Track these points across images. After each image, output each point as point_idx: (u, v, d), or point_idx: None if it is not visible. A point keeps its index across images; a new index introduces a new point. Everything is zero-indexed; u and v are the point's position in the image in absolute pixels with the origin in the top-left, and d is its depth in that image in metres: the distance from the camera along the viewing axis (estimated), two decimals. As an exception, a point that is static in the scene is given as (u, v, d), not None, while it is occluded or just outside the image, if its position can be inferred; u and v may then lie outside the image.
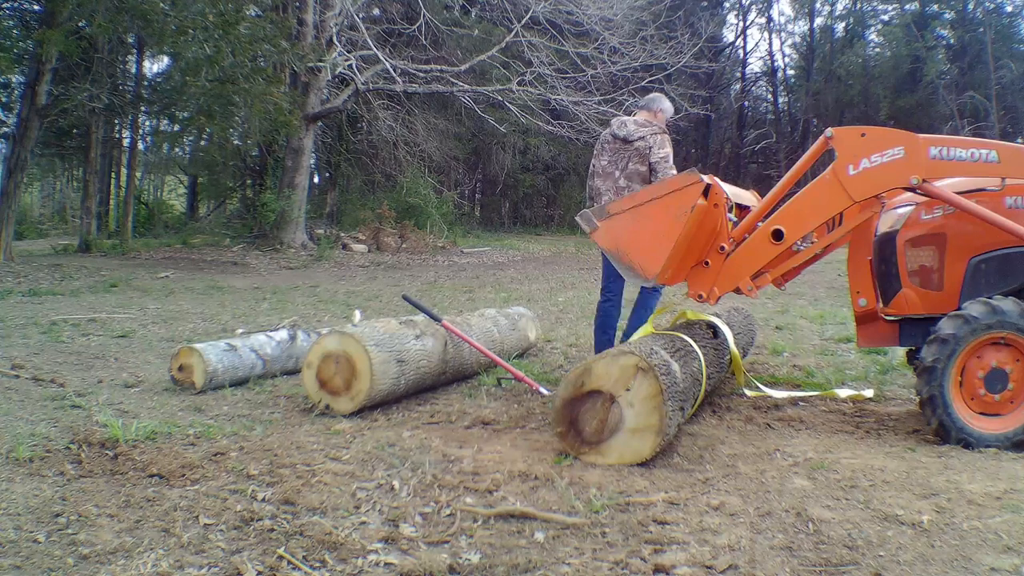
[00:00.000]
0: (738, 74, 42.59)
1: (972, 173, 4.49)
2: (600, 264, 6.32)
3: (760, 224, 4.79)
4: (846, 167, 4.46)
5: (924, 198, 4.79)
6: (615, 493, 3.55)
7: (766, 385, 5.77)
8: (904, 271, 4.80)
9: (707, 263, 4.73)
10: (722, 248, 4.69)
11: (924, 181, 4.39)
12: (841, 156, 4.49)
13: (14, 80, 17.75)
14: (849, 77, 36.74)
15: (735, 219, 4.97)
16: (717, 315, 6.01)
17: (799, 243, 4.83)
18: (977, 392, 4.30)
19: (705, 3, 37.87)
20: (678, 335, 4.86)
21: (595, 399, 4.03)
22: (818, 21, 40.48)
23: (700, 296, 4.76)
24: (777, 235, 4.59)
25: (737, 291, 4.86)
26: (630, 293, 6.34)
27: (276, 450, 4.10)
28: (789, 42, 44.22)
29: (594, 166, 6.34)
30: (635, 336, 4.93)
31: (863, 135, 4.48)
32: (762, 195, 5.32)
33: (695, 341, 4.94)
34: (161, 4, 13.89)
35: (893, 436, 4.62)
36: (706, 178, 4.51)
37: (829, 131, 4.54)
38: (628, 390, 3.96)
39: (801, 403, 5.51)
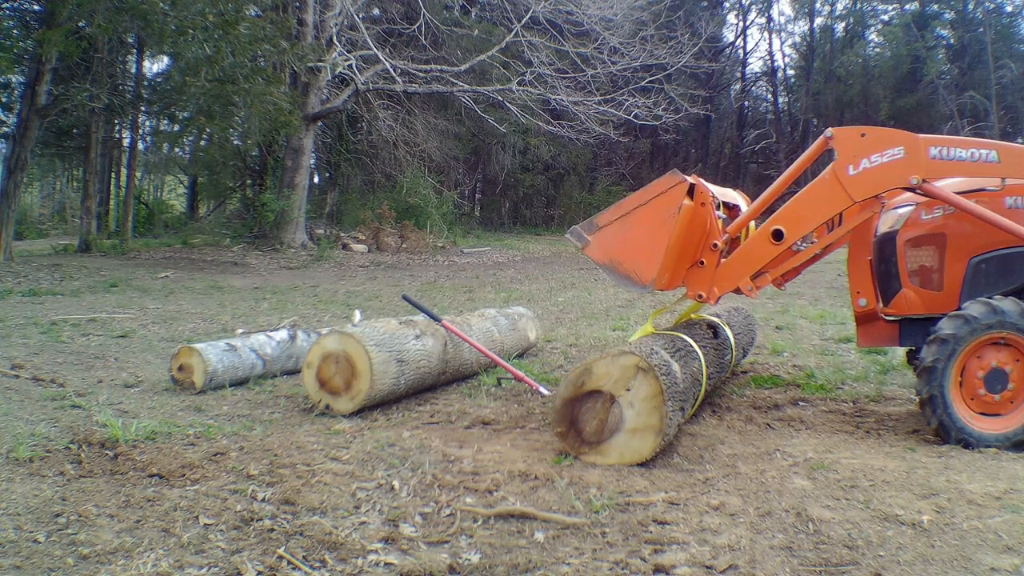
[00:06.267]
0: (738, 74, 42.58)
1: (972, 173, 4.48)
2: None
3: (755, 221, 4.79)
4: (846, 167, 4.46)
5: (924, 198, 4.80)
6: (615, 493, 3.55)
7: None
8: (904, 271, 4.80)
9: (702, 262, 4.72)
10: (715, 245, 4.68)
11: (924, 181, 4.39)
12: (841, 156, 4.48)
13: (14, 80, 17.73)
14: (849, 77, 36.73)
15: (724, 217, 4.96)
16: (718, 315, 6.00)
17: (799, 243, 4.83)
18: (977, 392, 4.29)
19: (705, 3, 37.87)
20: (678, 335, 4.86)
21: (595, 399, 4.03)
22: (818, 21, 40.50)
23: (700, 296, 4.75)
24: (777, 235, 4.59)
25: (737, 291, 4.86)
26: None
27: (276, 450, 4.10)
28: (789, 42, 44.26)
29: None
30: (635, 336, 4.92)
31: (863, 135, 4.48)
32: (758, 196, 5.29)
33: (695, 341, 4.94)
34: (161, 4, 13.88)
35: (893, 436, 4.62)
36: (689, 178, 4.51)
37: (829, 131, 4.54)
38: (628, 390, 3.95)
39: (801, 403, 5.51)
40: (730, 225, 4.86)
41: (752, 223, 5.01)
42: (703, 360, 4.82)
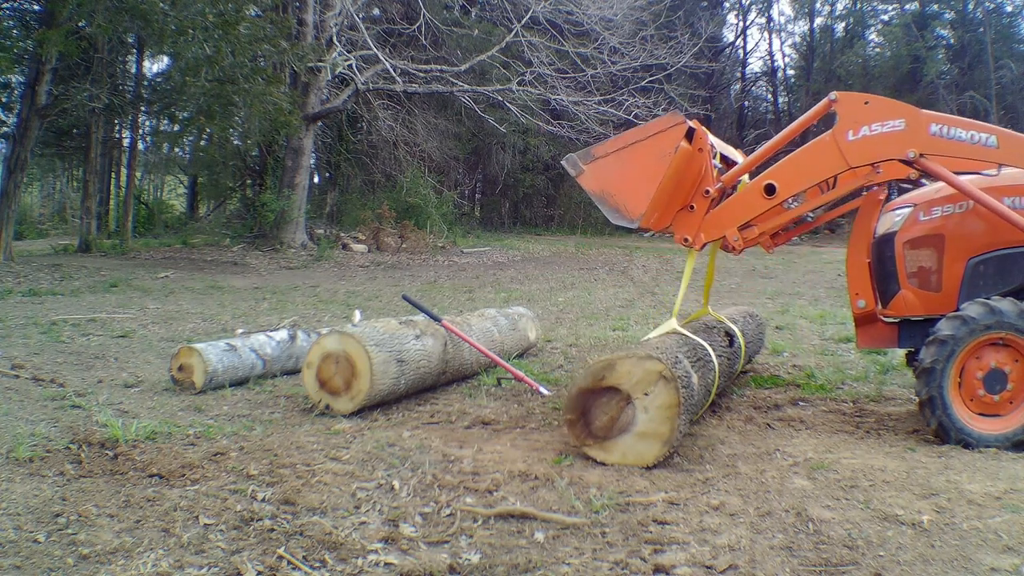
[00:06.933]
0: (738, 74, 42.57)
1: (970, 155, 4.45)
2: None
3: (748, 175, 4.80)
4: (846, 132, 4.45)
5: (923, 198, 4.80)
6: (615, 493, 3.56)
7: None
8: (903, 272, 4.80)
9: (692, 207, 4.71)
10: (707, 192, 4.67)
11: (921, 156, 4.38)
12: (842, 120, 4.48)
13: (14, 80, 17.73)
14: (849, 77, 36.68)
15: (720, 167, 4.95)
16: (734, 320, 5.97)
17: (790, 202, 4.83)
18: (976, 393, 4.30)
19: (705, 3, 37.85)
20: (700, 342, 4.77)
21: (611, 395, 4.01)
22: (818, 21, 40.49)
23: (685, 240, 4.73)
24: (769, 189, 4.58)
25: (724, 248, 4.83)
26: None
27: (276, 450, 4.10)
28: (789, 42, 44.24)
29: None
30: (657, 332, 4.80)
31: (866, 103, 4.48)
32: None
33: (713, 350, 4.87)
34: (161, 4, 13.87)
35: (893, 436, 4.62)
36: (690, 122, 4.52)
37: (833, 94, 4.53)
38: (647, 395, 3.93)
39: (801, 403, 5.51)
40: (725, 175, 4.84)
41: (746, 176, 5.01)
42: (717, 372, 4.80)
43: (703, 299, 5.87)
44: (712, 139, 4.81)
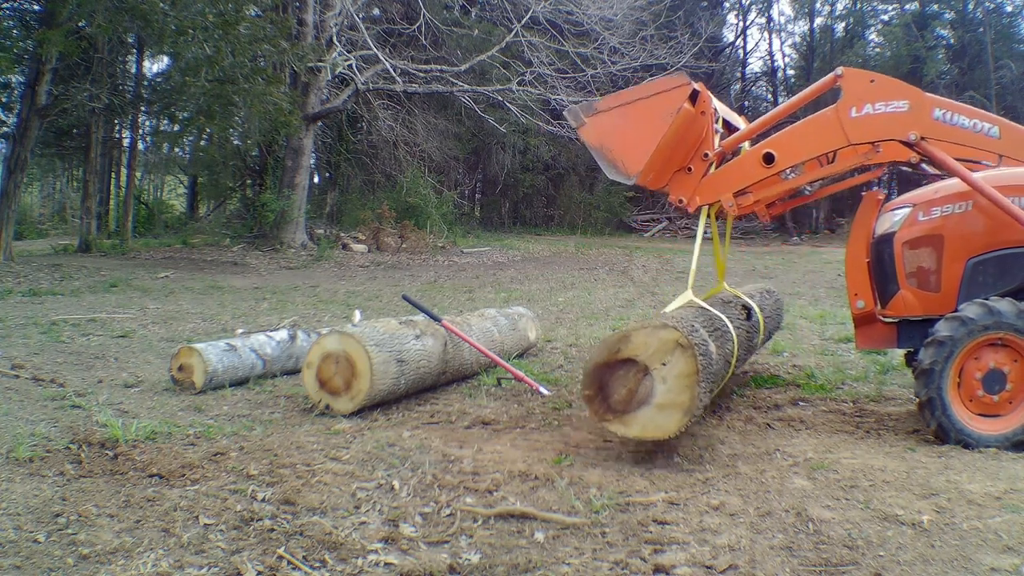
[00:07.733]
0: (738, 74, 42.58)
1: (971, 142, 4.44)
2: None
3: (749, 143, 4.80)
4: (849, 108, 4.45)
5: (922, 198, 4.80)
6: (615, 493, 3.56)
7: None
8: (902, 273, 4.80)
9: (690, 169, 4.72)
10: (706, 155, 4.67)
11: (922, 139, 4.37)
12: (847, 96, 4.47)
13: (14, 80, 17.73)
14: (849, 77, 36.68)
15: (722, 132, 4.96)
16: (751, 295, 5.94)
17: (788, 172, 4.82)
18: (976, 393, 4.29)
19: (705, 3, 37.84)
20: (716, 313, 4.74)
21: (628, 368, 3.96)
22: (818, 21, 40.46)
23: (680, 201, 4.73)
24: (768, 158, 4.58)
25: (719, 215, 4.80)
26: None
27: (276, 450, 4.10)
28: (789, 42, 44.22)
29: None
30: (674, 305, 4.77)
31: (872, 81, 4.47)
32: None
33: (731, 321, 4.84)
34: (161, 4, 13.86)
35: (893, 436, 4.62)
36: (695, 84, 4.52)
37: (839, 70, 4.52)
38: (664, 364, 3.88)
39: (801, 403, 5.51)
40: (725, 140, 4.84)
41: (746, 144, 5.00)
42: (736, 343, 4.75)
43: (717, 276, 5.82)
44: (716, 103, 4.80)
